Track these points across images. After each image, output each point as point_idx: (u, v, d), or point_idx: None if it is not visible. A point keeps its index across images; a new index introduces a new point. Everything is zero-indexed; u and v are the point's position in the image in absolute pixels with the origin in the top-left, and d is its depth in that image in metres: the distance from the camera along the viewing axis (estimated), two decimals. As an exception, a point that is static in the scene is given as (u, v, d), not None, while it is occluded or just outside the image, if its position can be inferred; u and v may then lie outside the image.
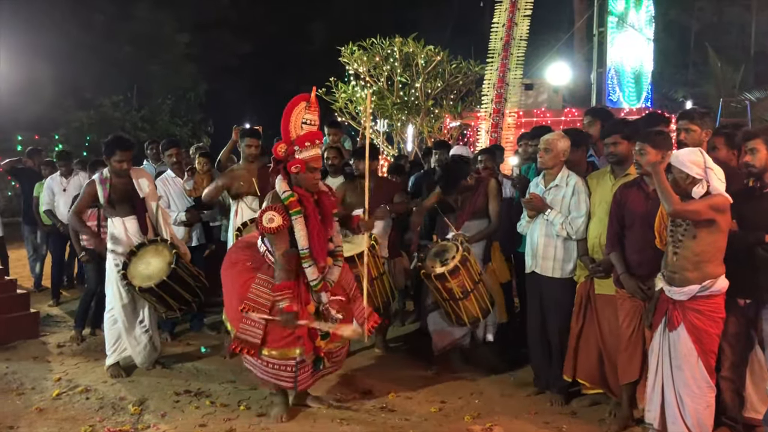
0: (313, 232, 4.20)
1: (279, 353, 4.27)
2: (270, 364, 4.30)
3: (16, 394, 4.89)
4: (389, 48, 12.91)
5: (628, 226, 4.24)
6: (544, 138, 4.76)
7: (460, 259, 4.94)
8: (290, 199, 4.14)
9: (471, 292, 5.02)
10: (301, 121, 4.16)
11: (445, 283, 4.96)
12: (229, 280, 4.41)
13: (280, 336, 4.24)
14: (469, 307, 5.06)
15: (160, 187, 6.02)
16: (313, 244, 4.21)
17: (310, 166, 4.17)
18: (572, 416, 4.59)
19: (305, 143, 4.14)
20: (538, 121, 11.70)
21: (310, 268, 4.23)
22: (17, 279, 6.95)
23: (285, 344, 4.25)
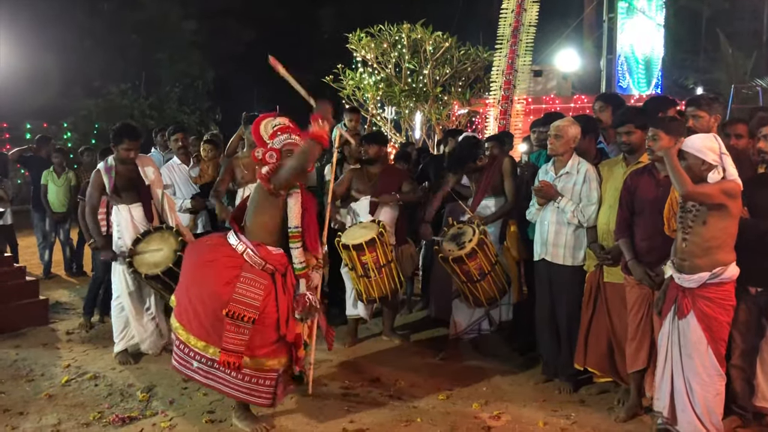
0: (307, 218, 4.06)
1: (259, 363, 3.89)
2: (245, 377, 3.89)
3: (26, 381, 4.92)
4: (397, 34, 12.86)
5: (637, 212, 4.20)
6: (555, 124, 4.71)
7: (477, 242, 4.94)
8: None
9: (488, 274, 5.03)
10: (272, 126, 4.06)
11: (463, 266, 4.96)
12: (204, 278, 3.91)
13: (265, 342, 3.89)
14: (486, 288, 5.07)
15: (165, 174, 6.01)
16: (307, 230, 4.06)
17: (285, 151, 3.96)
18: (581, 404, 4.57)
19: (277, 134, 4.02)
20: (547, 108, 11.64)
21: (297, 249, 3.99)
22: (26, 266, 6.97)
23: (269, 352, 3.91)
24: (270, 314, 3.89)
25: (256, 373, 3.91)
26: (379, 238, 5.24)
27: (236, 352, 3.80)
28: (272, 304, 3.90)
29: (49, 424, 4.16)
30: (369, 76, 13.13)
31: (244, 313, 3.80)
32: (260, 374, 3.92)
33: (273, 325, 3.90)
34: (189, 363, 3.94)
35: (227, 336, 3.80)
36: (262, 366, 3.91)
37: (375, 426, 4.16)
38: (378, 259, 5.29)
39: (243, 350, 3.82)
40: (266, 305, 3.87)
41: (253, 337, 3.84)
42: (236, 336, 3.80)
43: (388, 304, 5.84)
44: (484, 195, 5.44)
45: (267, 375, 3.94)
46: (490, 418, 4.32)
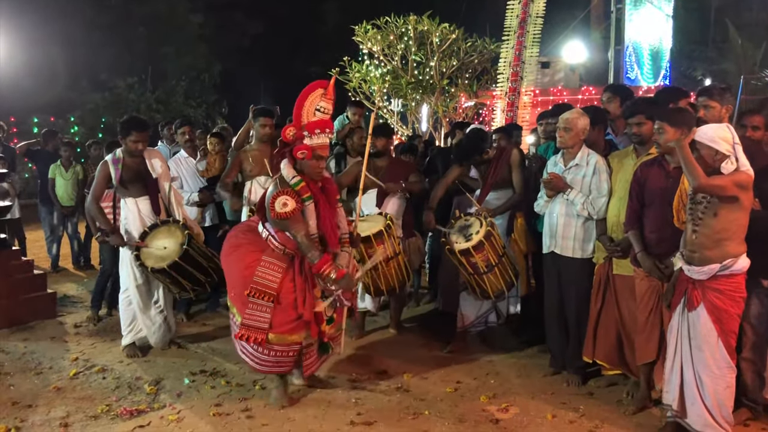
0: (324, 218, 4.14)
1: (281, 338, 4.18)
2: (272, 352, 4.21)
3: (35, 374, 4.93)
4: (403, 26, 12.79)
5: (647, 204, 4.17)
6: (564, 117, 4.66)
7: (485, 234, 4.91)
8: (300, 184, 4.05)
9: (495, 266, 5.00)
10: (315, 108, 4.06)
11: (470, 258, 4.93)
12: (233, 263, 4.26)
13: (285, 320, 4.15)
14: (493, 280, 5.04)
15: (172, 168, 6.00)
16: (326, 230, 4.15)
17: (317, 154, 4.06)
18: (589, 397, 4.55)
19: (315, 130, 4.04)
20: (554, 99, 11.59)
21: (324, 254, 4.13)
22: (34, 260, 6.98)
23: (290, 329, 4.17)
24: (288, 294, 4.15)
25: (281, 348, 4.22)
26: (387, 230, 5.22)
27: (258, 328, 4.14)
28: (289, 286, 4.16)
29: (58, 417, 4.17)
30: (375, 68, 13.08)
31: (264, 293, 4.11)
32: (284, 347, 4.22)
33: (291, 304, 4.16)
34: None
35: (248, 313, 4.15)
36: (285, 341, 4.20)
37: (382, 418, 4.15)
38: (386, 252, 5.26)
39: (266, 327, 4.14)
40: (283, 286, 4.14)
41: (275, 315, 4.14)
42: (257, 314, 4.13)
43: (395, 297, 5.82)
44: (491, 187, 5.42)
45: (291, 348, 4.24)
46: (498, 410, 4.31)
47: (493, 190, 5.41)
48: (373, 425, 4.07)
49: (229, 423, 4.10)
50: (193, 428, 4.03)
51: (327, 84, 4.12)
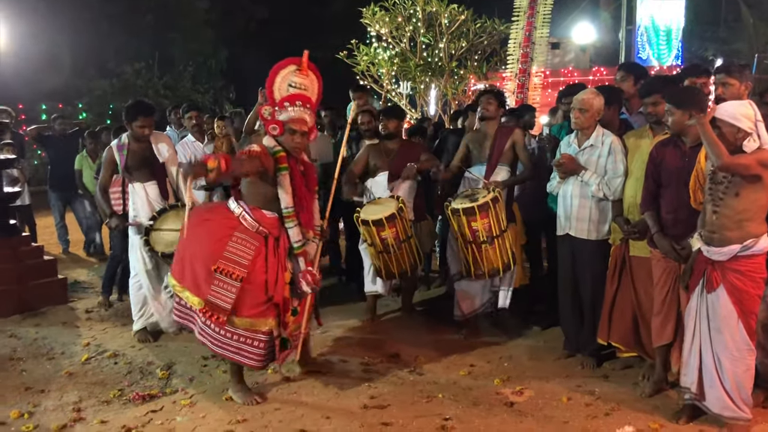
0: (301, 198, 4.06)
1: (248, 323, 3.97)
2: (235, 336, 3.97)
3: (47, 359, 4.93)
4: (412, 8, 12.62)
5: (663, 184, 4.09)
6: (579, 97, 4.57)
7: (492, 198, 4.85)
8: (280, 153, 4.01)
9: (496, 239, 4.91)
10: (288, 83, 4.03)
11: (472, 221, 4.85)
12: (200, 236, 3.98)
13: (254, 302, 3.96)
14: (491, 255, 4.96)
15: (180, 152, 5.96)
16: (300, 208, 4.06)
17: (289, 128, 4.00)
18: (604, 379, 4.50)
19: (285, 103, 4.01)
20: (565, 80, 11.46)
21: (294, 228, 4.05)
22: (44, 246, 6.98)
23: (258, 313, 3.97)
24: (258, 274, 3.97)
25: (245, 333, 3.99)
26: (399, 213, 5.17)
27: (222, 308, 3.91)
28: (261, 265, 3.98)
29: (70, 402, 4.17)
30: (383, 51, 12.94)
31: (233, 270, 3.90)
32: (249, 334, 3.99)
33: (261, 285, 3.98)
34: (189, 316, 4.12)
35: (214, 290, 3.90)
36: (251, 326, 3.99)
37: (396, 402, 4.12)
38: (398, 235, 5.22)
39: (229, 308, 3.91)
40: (255, 266, 3.96)
41: (242, 297, 3.93)
42: (223, 292, 3.90)
43: (407, 280, 5.78)
44: (495, 166, 5.32)
45: (256, 336, 4.01)
46: (513, 393, 4.27)
47: (495, 167, 5.31)
48: (386, 408, 4.04)
49: (242, 407, 4.08)
50: (205, 413, 4.01)
51: (300, 60, 4.06)
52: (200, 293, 3.94)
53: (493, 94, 5.43)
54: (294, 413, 4.00)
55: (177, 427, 3.85)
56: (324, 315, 5.81)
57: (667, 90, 4.08)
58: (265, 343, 4.03)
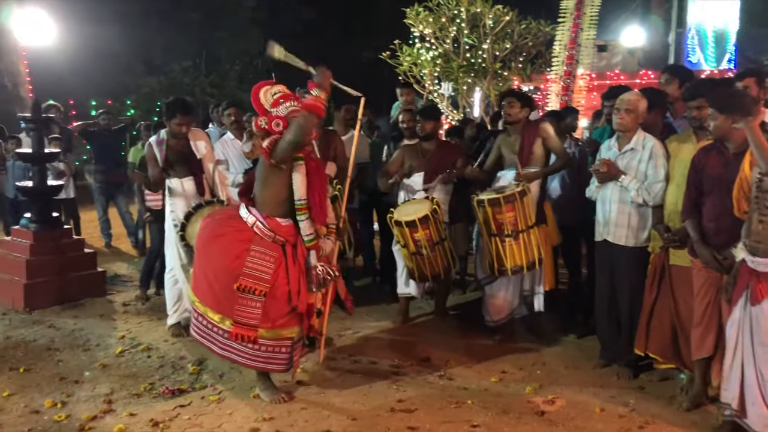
0: (313, 189, 4.00)
1: (274, 333, 3.96)
2: (262, 348, 3.96)
3: (82, 350, 5.01)
4: (456, 8, 12.55)
5: (705, 192, 3.96)
6: (624, 98, 4.44)
7: (519, 191, 4.76)
8: None
9: (521, 233, 4.81)
10: (271, 95, 4.02)
11: (497, 213, 4.77)
12: (215, 254, 3.97)
13: (279, 314, 3.95)
14: (515, 251, 4.85)
15: (219, 149, 6.01)
16: (314, 201, 4.00)
17: (291, 119, 3.93)
18: (640, 391, 4.37)
19: (279, 101, 3.98)
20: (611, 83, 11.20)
21: (306, 221, 3.97)
22: (85, 239, 7.11)
23: (283, 323, 3.97)
24: (281, 286, 3.94)
25: (272, 343, 3.99)
26: (433, 215, 5.11)
27: (249, 325, 3.90)
28: (283, 276, 3.95)
29: (102, 394, 4.23)
30: (426, 51, 12.89)
31: (255, 286, 3.88)
32: (276, 343, 4.00)
33: (285, 297, 3.95)
34: (208, 334, 4.06)
35: (239, 310, 3.89)
36: (278, 336, 3.99)
37: (424, 406, 4.06)
38: (431, 237, 5.16)
39: (257, 323, 3.91)
40: (277, 277, 3.93)
41: (267, 310, 3.92)
42: (249, 310, 3.90)
43: (440, 283, 5.71)
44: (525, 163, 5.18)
45: (282, 343, 4.01)
46: (544, 402, 4.17)
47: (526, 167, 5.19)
48: (413, 413, 3.98)
49: (269, 405, 4.07)
50: (232, 409, 4.02)
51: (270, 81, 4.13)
52: (223, 311, 3.95)
53: (514, 95, 5.32)
54: (320, 413, 3.97)
55: (203, 423, 3.86)
56: (356, 315, 5.80)
57: (711, 94, 3.93)
58: (289, 348, 4.05)
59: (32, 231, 6.20)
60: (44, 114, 6.69)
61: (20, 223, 6.45)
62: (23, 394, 4.21)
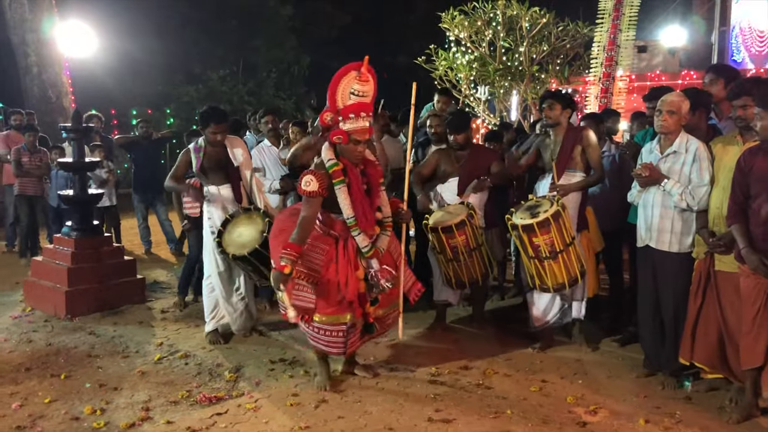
0: (356, 202, 4.11)
1: (329, 319, 4.24)
2: (321, 331, 4.27)
3: (122, 357, 5.06)
4: (492, 11, 12.43)
5: (753, 195, 3.82)
6: (667, 99, 4.30)
7: (553, 213, 4.63)
8: (335, 168, 4.06)
9: (560, 254, 4.69)
10: (349, 91, 4.02)
11: (533, 237, 4.67)
12: (276, 247, 4.27)
13: (330, 302, 4.22)
14: (555, 270, 4.75)
15: (255, 156, 6.03)
16: (358, 212, 4.11)
17: (354, 138, 4.04)
18: (687, 402, 4.22)
19: (350, 114, 4.02)
20: (651, 85, 10.97)
21: (360, 235, 4.17)
22: (125, 246, 7.21)
23: (335, 311, 4.22)
24: (332, 275, 4.22)
25: (330, 327, 4.26)
26: (469, 220, 5.04)
27: (305, 308, 4.22)
28: (333, 268, 4.22)
29: (140, 401, 4.25)
30: (462, 55, 12.80)
31: (307, 275, 4.19)
32: (333, 327, 4.26)
33: (335, 286, 4.22)
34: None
35: (296, 294, 4.21)
36: (334, 321, 4.25)
37: (462, 416, 3.99)
38: (468, 243, 5.09)
39: (313, 307, 4.23)
40: (328, 269, 4.21)
41: (320, 297, 4.22)
42: (304, 294, 4.22)
43: (478, 290, 5.63)
44: (563, 173, 5.08)
45: (338, 328, 4.26)
46: (586, 413, 4.06)
47: (566, 171, 5.07)
48: (451, 423, 3.91)
49: (305, 414, 4.05)
50: (269, 418, 4.00)
51: (360, 65, 4.04)
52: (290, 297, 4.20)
53: (554, 97, 5.19)
54: (357, 422, 3.93)
55: (240, 431, 3.85)
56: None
57: (758, 91, 3.79)
58: (344, 332, 4.29)
59: (73, 239, 6.31)
60: (86, 124, 6.82)
61: (62, 231, 6.56)
62: (64, 401, 4.26)
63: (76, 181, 6.53)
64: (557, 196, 4.84)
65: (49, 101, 13.11)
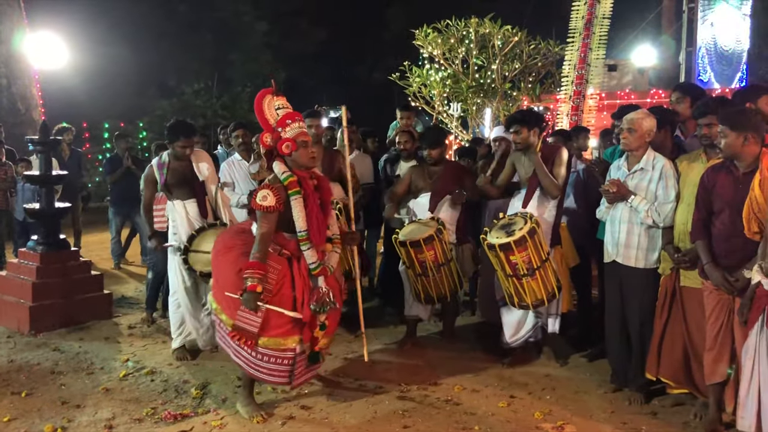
0: (311, 215, 4.08)
1: (275, 342, 4.06)
2: (265, 357, 4.07)
3: (86, 373, 4.96)
4: (465, 29, 12.58)
5: (715, 212, 3.88)
6: (628, 117, 4.38)
7: (528, 230, 4.64)
8: (290, 179, 4.04)
9: (537, 270, 4.71)
10: (275, 108, 4.13)
11: (510, 255, 4.67)
12: (226, 265, 4.15)
13: (279, 323, 4.05)
14: (534, 287, 4.75)
15: (225, 170, 5.99)
16: (312, 227, 4.08)
17: (300, 141, 4.05)
18: (653, 417, 4.25)
19: (286, 121, 4.08)
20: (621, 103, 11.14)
21: (309, 250, 4.09)
22: (91, 260, 7.09)
23: (284, 332, 4.06)
24: (285, 295, 4.06)
25: (274, 353, 4.08)
26: (438, 235, 5.04)
27: (249, 332, 4.02)
28: (287, 286, 4.07)
29: (103, 419, 4.16)
30: (435, 72, 12.91)
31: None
32: (277, 354, 4.08)
33: (288, 306, 4.06)
34: (225, 339, 4.20)
35: (240, 315, 4.01)
36: (279, 345, 4.07)
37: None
38: (437, 258, 5.09)
39: (256, 332, 4.02)
40: (281, 287, 4.05)
41: (268, 319, 4.02)
42: (250, 317, 4.00)
43: (447, 305, 5.62)
44: (534, 191, 5.07)
45: (284, 354, 4.09)
46: (554, 428, 4.07)
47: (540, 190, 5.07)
48: (419, 439, 3.89)
49: (271, 431, 3.99)
50: (234, 435, 3.95)
51: (271, 89, 4.21)
52: (233, 316, 4.07)
53: (519, 122, 5.05)
54: (324, 440, 3.89)
55: (205, 449, 3.79)
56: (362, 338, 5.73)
57: (722, 111, 3.87)
58: (290, 360, 4.11)
59: (39, 253, 6.19)
60: (57, 137, 6.72)
61: (27, 245, 6.44)
62: (24, 419, 4.16)
63: (43, 195, 6.42)
64: (529, 213, 4.85)
65: (19, 113, 12.93)
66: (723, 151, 3.79)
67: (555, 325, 5.14)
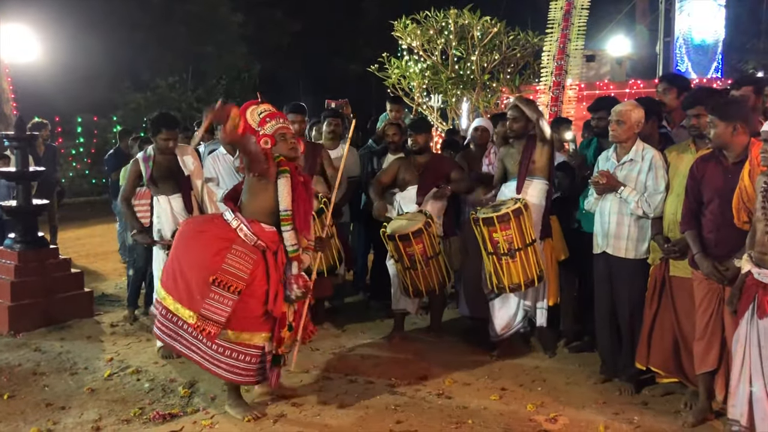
0: (299, 201, 4.03)
1: (239, 337, 3.93)
2: (227, 351, 3.92)
3: (69, 374, 4.86)
4: (443, 20, 12.53)
5: (705, 202, 3.90)
6: (616, 109, 4.39)
7: (514, 210, 4.66)
8: (281, 158, 4.02)
9: (518, 251, 4.71)
10: (257, 114, 4.07)
11: (492, 232, 4.68)
12: (196, 249, 3.97)
13: (250, 316, 3.94)
14: (512, 269, 4.76)
15: (209, 165, 5.89)
16: (298, 212, 4.03)
17: (279, 134, 4.02)
18: (644, 406, 4.27)
19: (266, 119, 4.04)
20: (600, 93, 11.21)
21: (289, 231, 3.99)
22: (71, 258, 6.95)
23: (253, 326, 3.95)
24: (258, 287, 3.95)
25: (236, 348, 3.94)
26: (426, 228, 5.02)
27: (215, 321, 3.86)
28: (261, 278, 3.96)
29: (90, 420, 4.08)
30: (414, 64, 12.86)
31: (231, 282, 3.87)
32: (241, 349, 3.95)
33: (261, 298, 3.95)
34: (175, 332, 4.01)
35: (209, 303, 3.85)
36: (244, 341, 3.95)
37: (423, 427, 3.95)
38: (425, 251, 5.07)
39: (223, 321, 3.87)
40: (254, 278, 3.93)
41: (237, 310, 3.89)
42: (219, 305, 3.85)
43: (435, 298, 5.60)
44: (524, 180, 5.05)
45: (248, 351, 3.97)
46: (546, 420, 4.07)
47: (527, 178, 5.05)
48: (413, 434, 3.87)
49: (263, 429, 3.95)
50: (226, 435, 3.89)
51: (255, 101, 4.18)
52: (193, 306, 3.89)
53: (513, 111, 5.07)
54: (317, 437, 3.85)
55: (196, 450, 3.73)
56: (349, 332, 5.71)
57: (711, 101, 3.89)
58: (257, 358, 4.00)
59: (17, 251, 6.03)
60: (33, 132, 6.56)
61: (4, 243, 6.28)
62: (7, 423, 4.05)
63: (20, 192, 6.25)
64: (522, 198, 4.85)
65: (-11, 108, 12.59)
66: (712, 142, 3.81)
67: (543, 318, 5.15)
